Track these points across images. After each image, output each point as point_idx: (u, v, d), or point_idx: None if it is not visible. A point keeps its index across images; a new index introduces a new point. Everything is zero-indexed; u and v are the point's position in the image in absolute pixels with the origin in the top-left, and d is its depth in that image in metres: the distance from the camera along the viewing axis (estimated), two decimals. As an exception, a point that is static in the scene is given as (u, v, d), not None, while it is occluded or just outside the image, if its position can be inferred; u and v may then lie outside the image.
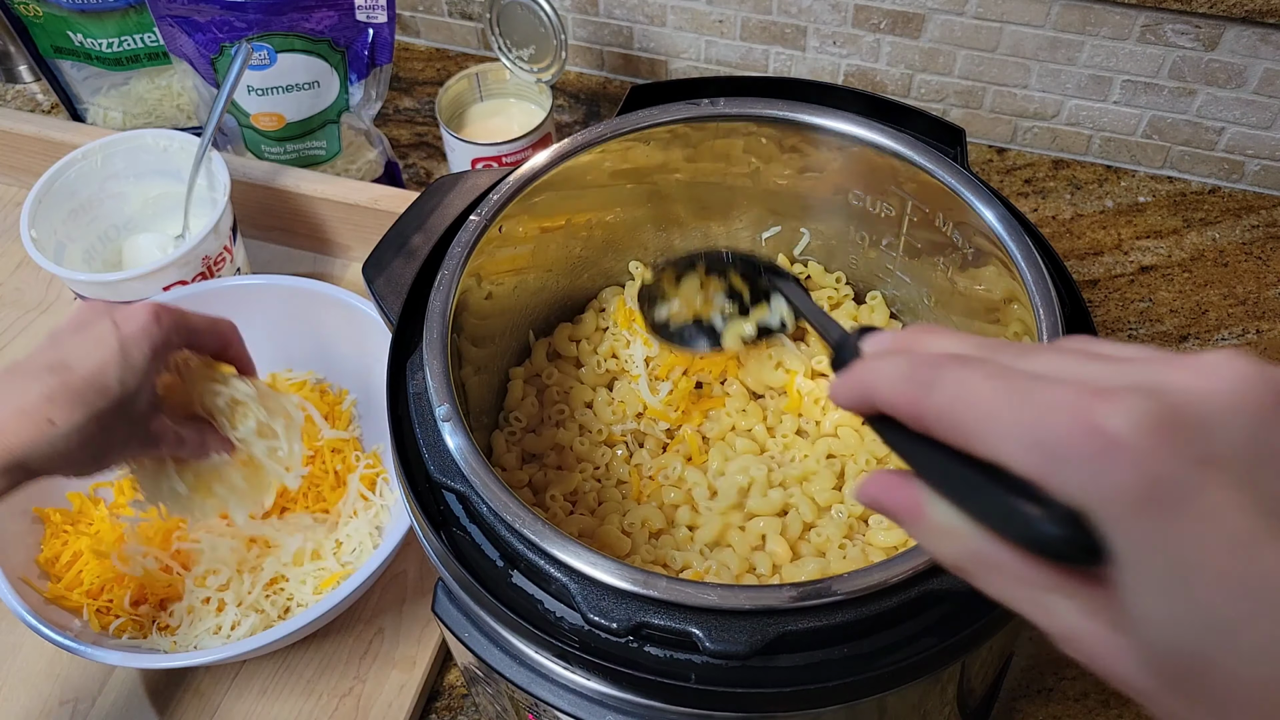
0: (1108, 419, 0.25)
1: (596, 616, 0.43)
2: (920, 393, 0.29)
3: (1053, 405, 0.26)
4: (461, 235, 0.56)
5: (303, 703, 0.67)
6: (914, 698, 0.48)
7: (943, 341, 0.31)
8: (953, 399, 0.28)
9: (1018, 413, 0.26)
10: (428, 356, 0.51)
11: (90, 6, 0.87)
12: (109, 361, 0.51)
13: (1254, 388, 0.25)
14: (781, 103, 0.60)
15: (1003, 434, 0.27)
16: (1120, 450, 0.24)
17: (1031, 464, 0.26)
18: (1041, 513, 0.26)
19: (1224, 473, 0.24)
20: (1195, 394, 0.25)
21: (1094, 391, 0.25)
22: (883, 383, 0.30)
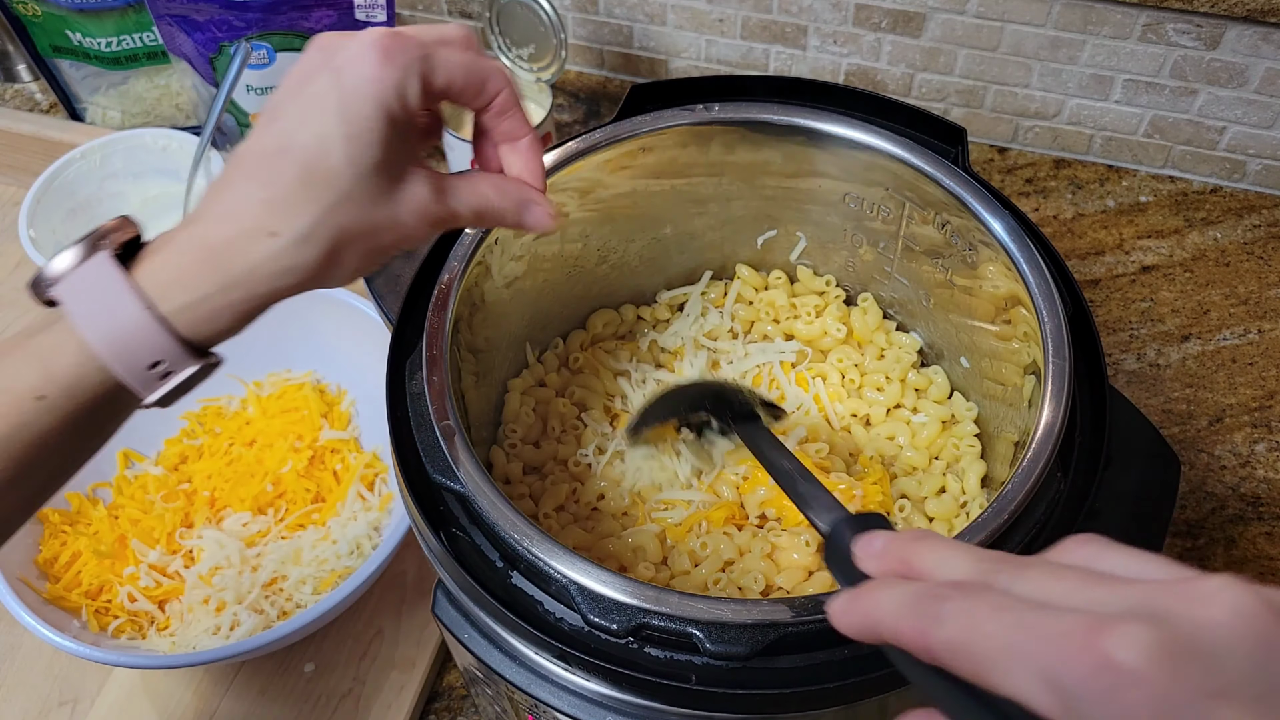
0: (1118, 651, 0.25)
1: (596, 618, 0.43)
2: (928, 627, 0.29)
3: (1062, 638, 0.26)
4: (457, 248, 0.56)
5: (303, 703, 0.66)
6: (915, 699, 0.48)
7: (940, 557, 0.32)
8: (962, 633, 0.28)
9: (1028, 648, 0.27)
10: (428, 371, 0.51)
11: (89, 6, 0.87)
12: (329, 136, 0.38)
13: (1255, 616, 0.26)
14: (778, 107, 0.60)
15: (1016, 671, 0.27)
16: (1130, 683, 0.25)
17: (1048, 702, 0.26)
18: None
19: (1234, 704, 0.25)
20: (1199, 623, 0.26)
21: (1100, 622, 0.26)
22: (887, 617, 0.30)
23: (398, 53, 0.39)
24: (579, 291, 0.68)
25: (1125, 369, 0.81)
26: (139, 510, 0.70)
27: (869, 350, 0.67)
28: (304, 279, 0.40)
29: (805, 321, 0.67)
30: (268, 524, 0.70)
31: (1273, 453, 0.76)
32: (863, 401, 0.65)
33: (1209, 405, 0.79)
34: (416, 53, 0.40)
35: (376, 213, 0.40)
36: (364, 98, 0.38)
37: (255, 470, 0.72)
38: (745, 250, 0.69)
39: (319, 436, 0.73)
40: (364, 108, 0.38)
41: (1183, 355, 0.81)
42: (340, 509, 0.70)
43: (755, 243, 0.69)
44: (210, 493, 0.72)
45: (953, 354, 0.64)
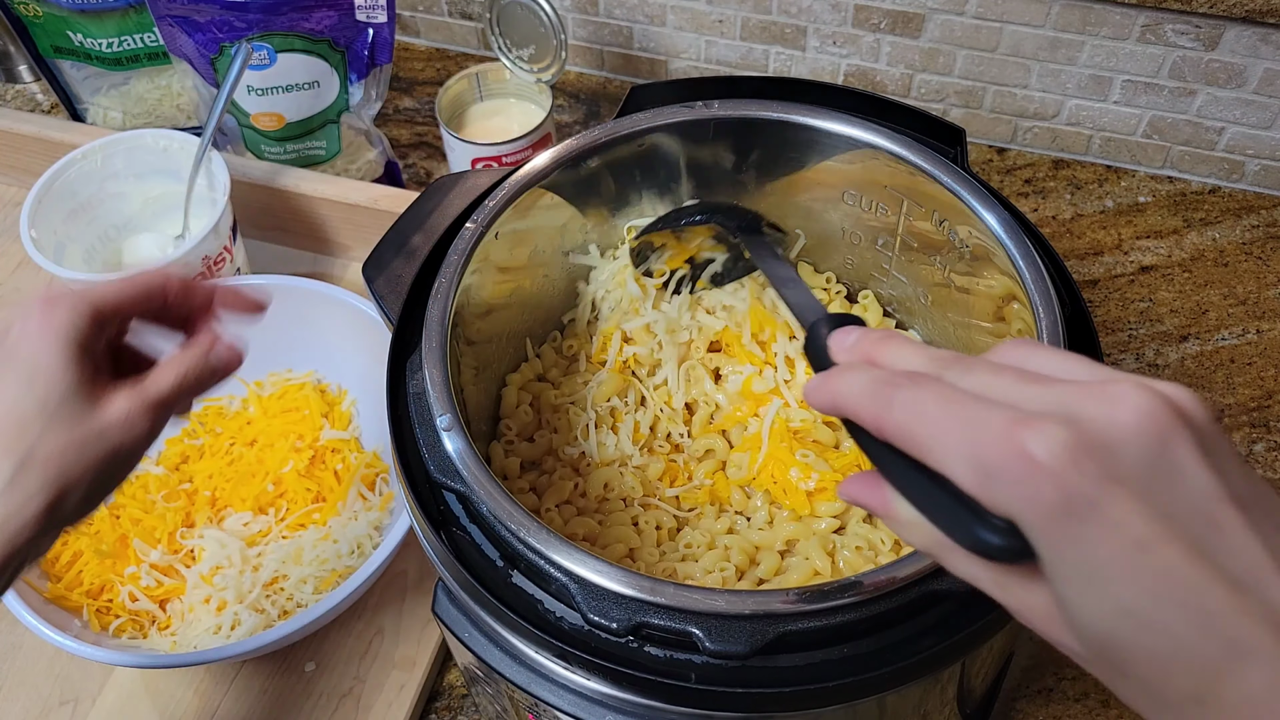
0: (1032, 445, 0.29)
1: (596, 616, 0.43)
2: (881, 409, 0.34)
3: (989, 429, 0.30)
4: (458, 243, 0.56)
5: (303, 703, 0.67)
6: (914, 698, 0.48)
7: (901, 353, 0.36)
8: (908, 417, 0.33)
9: (960, 435, 0.31)
10: (428, 365, 0.51)
11: (90, 6, 0.87)
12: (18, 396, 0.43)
13: (1154, 414, 0.30)
14: (777, 104, 0.60)
15: (949, 453, 0.31)
16: (1041, 472, 0.29)
17: (972, 481, 0.31)
18: (981, 523, 0.31)
19: (1126, 488, 0.29)
20: (1105, 421, 0.30)
21: (1021, 419, 0.30)
22: (849, 396, 0.35)
23: (60, 299, 0.44)
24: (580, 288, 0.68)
25: (1124, 369, 0.81)
26: (140, 510, 0.70)
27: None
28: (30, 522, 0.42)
29: None
30: (269, 523, 0.70)
31: (1271, 453, 0.76)
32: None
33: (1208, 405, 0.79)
34: (77, 295, 0.45)
35: (78, 432, 0.44)
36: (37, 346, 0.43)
37: (256, 470, 0.72)
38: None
39: (320, 436, 0.74)
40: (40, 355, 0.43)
41: (1181, 355, 0.82)
42: (341, 508, 0.70)
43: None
44: (211, 492, 0.72)
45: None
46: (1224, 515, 0.29)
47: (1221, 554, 0.29)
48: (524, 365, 0.66)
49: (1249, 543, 0.29)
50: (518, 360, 0.66)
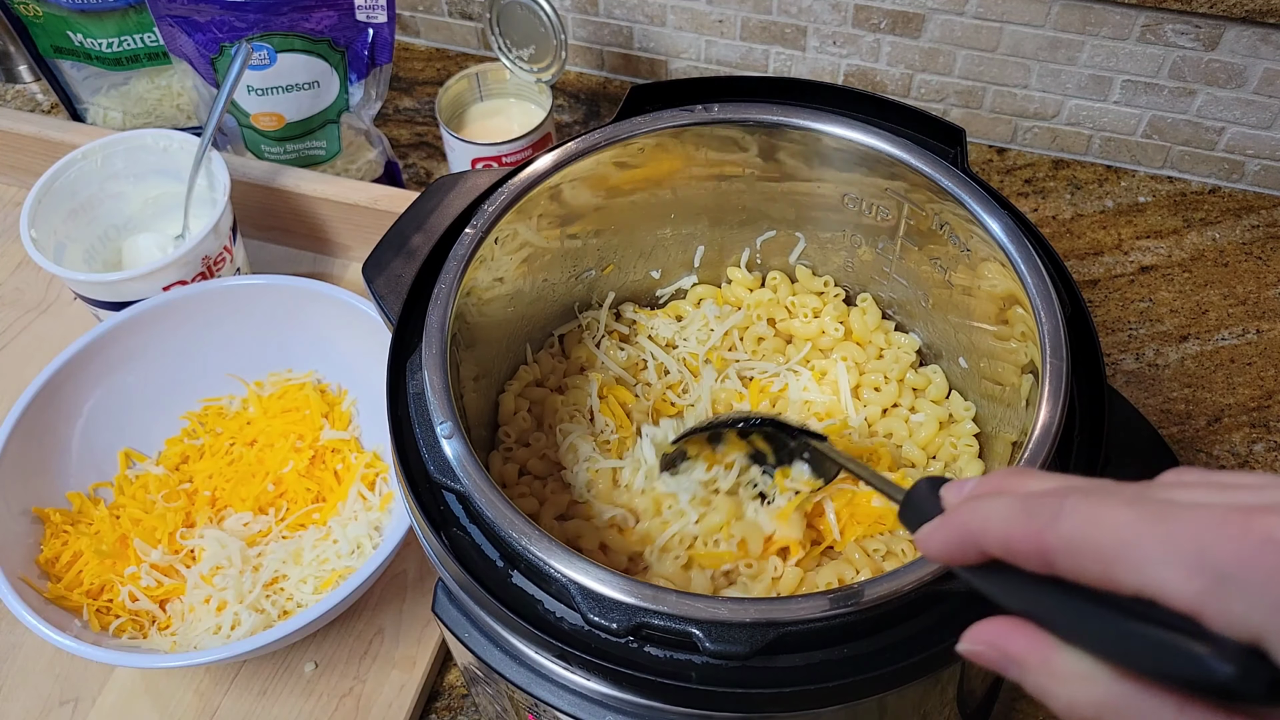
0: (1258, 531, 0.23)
1: (596, 617, 0.43)
2: (1044, 524, 0.27)
3: (1210, 524, 0.24)
4: (457, 249, 0.56)
5: (303, 703, 0.67)
6: (914, 698, 0.48)
7: (1042, 482, 0.29)
8: (1085, 526, 0.26)
9: (1168, 534, 0.24)
10: (428, 371, 0.51)
11: (90, 6, 0.87)
12: None
13: None
14: (777, 107, 0.60)
15: (1154, 558, 0.24)
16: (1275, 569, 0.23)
17: (1193, 590, 0.24)
18: (1209, 649, 0.23)
19: None
20: None
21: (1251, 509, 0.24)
22: (994, 521, 0.28)
23: None
24: (579, 291, 0.68)
25: (1124, 369, 0.81)
26: (140, 510, 0.70)
27: (868, 350, 0.67)
28: None
29: (803, 320, 0.68)
30: (269, 524, 0.70)
31: (1271, 453, 0.76)
32: (861, 401, 0.65)
33: (1207, 405, 0.79)
34: None
35: None
36: None
37: (256, 470, 0.72)
38: (744, 250, 0.69)
39: (320, 436, 0.74)
40: None
41: (1181, 355, 0.82)
42: (341, 508, 0.70)
43: (755, 243, 0.69)
44: (211, 492, 0.72)
45: (951, 354, 0.64)
46: None
47: None
48: (522, 369, 0.66)
49: None
50: (516, 366, 0.66)
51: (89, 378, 0.72)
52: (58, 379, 0.70)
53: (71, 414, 0.72)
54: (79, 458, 0.72)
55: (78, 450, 0.72)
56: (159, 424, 0.75)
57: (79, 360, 0.71)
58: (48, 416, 0.70)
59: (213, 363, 0.76)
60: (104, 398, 0.73)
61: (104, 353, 0.72)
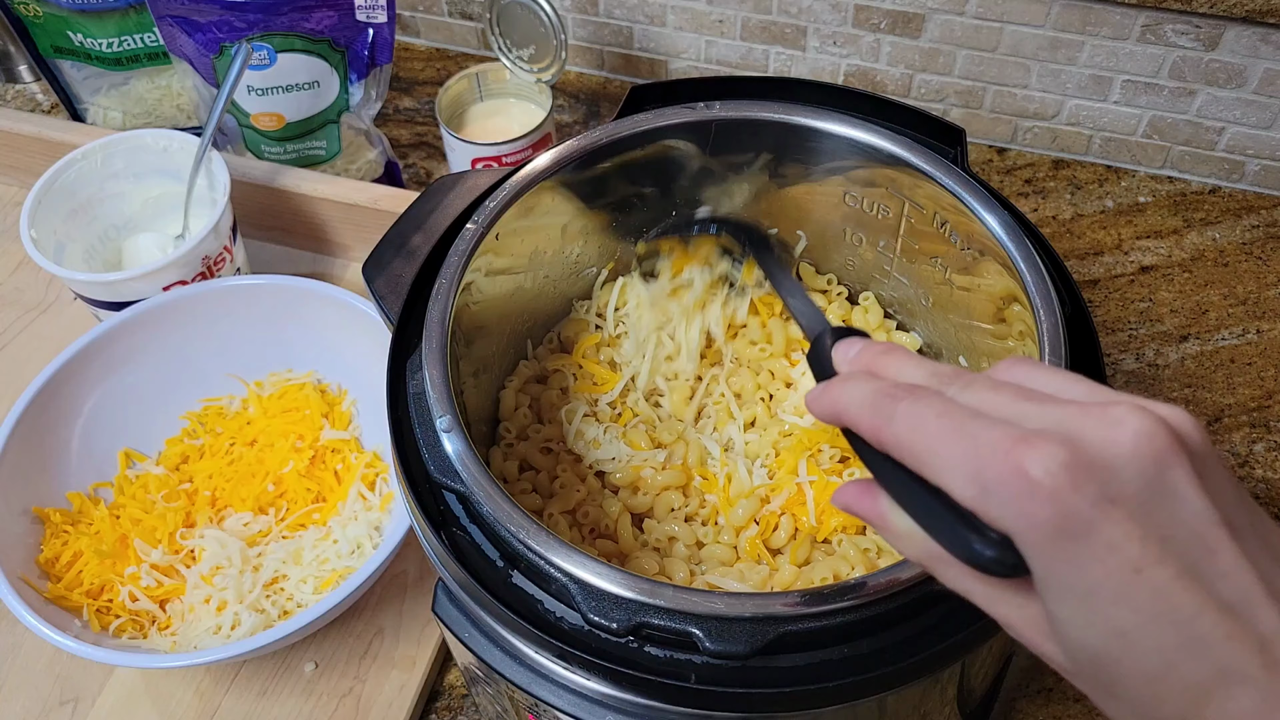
0: (1030, 463, 0.30)
1: (597, 617, 0.43)
2: (881, 420, 0.34)
3: (988, 445, 0.31)
4: (458, 244, 0.56)
5: (303, 703, 0.67)
6: (914, 698, 0.48)
7: (903, 366, 0.36)
8: (908, 430, 0.33)
9: (959, 449, 0.31)
10: (428, 367, 0.51)
11: (90, 6, 0.87)
12: None
13: (1152, 437, 0.30)
14: (778, 106, 0.60)
15: (947, 467, 0.32)
16: (1039, 491, 0.29)
17: (969, 495, 0.31)
18: (976, 537, 0.31)
19: (1121, 510, 0.29)
20: (1103, 442, 0.30)
21: (1020, 437, 0.30)
22: (850, 406, 0.35)
23: None
24: (580, 288, 0.68)
25: (1124, 369, 0.81)
26: (140, 510, 0.70)
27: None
28: None
29: None
30: (269, 524, 0.70)
31: (1271, 453, 0.76)
32: None
33: (1208, 405, 0.79)
34: None
35: None
36: None
37: (256, 470, 0.72)
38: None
39: (320, 436, 0.74)
40: None
41: (1181, 355, 0.82)
42: (341, 508, 0.70)
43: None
44: (211, 492, 0.72)
45: (951, 353, 0.64)
46: (1217, 540, 0.29)
47: (1214, 578, 0.29)
48: (522, 365, 0.66)
49: (1241, 568, 0.29)
50: (517, 361, 0.66)
51: (89, 378, 0.72)
52: (58, 379, 0.70)
53: (71, 414, 0.72)
54: (79, 458, 0.72)
55: (78, 450, 0.72)
56: (159, 424, 0.75)
57: (79, 360, 0.71)
58: (48, 416, 0.70)
59: (213, 363, 0.76)
60: (104, 398, 0.73)
61: (104, 353, 0.72)
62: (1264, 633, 0.29)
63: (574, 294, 0.68)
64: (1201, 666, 0.29)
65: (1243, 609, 0.29)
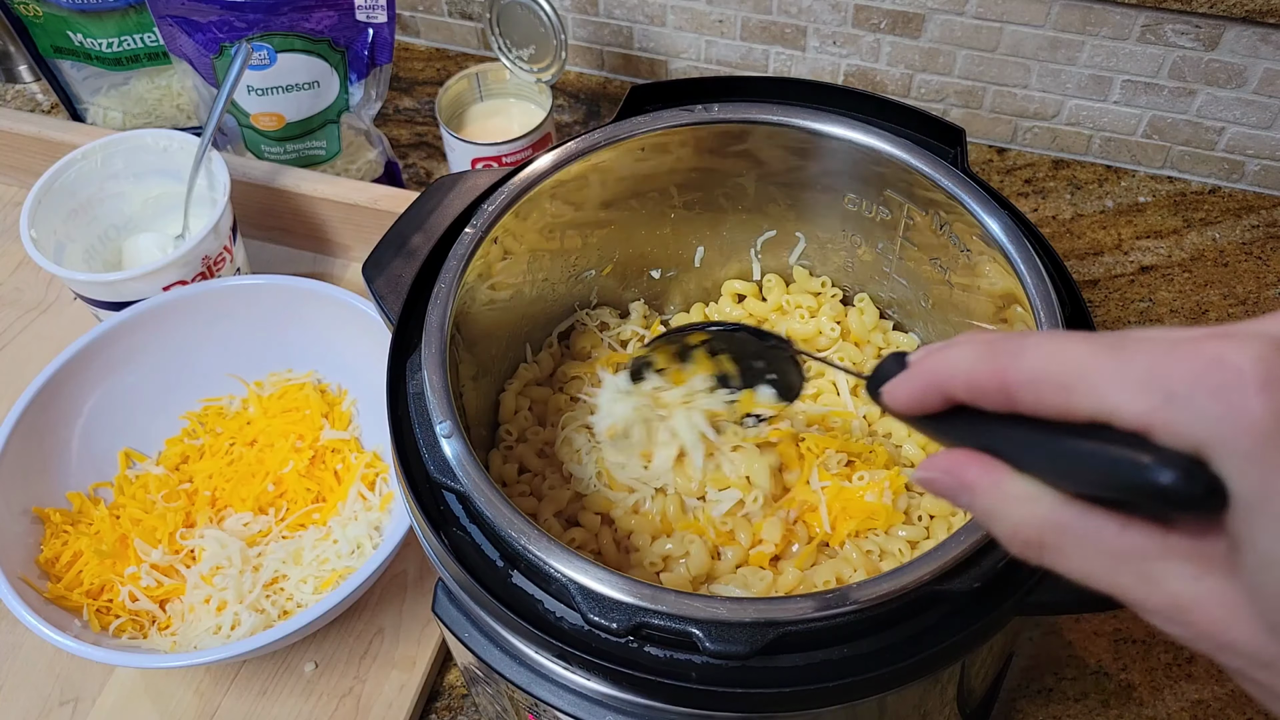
0: (1231, 354, 0.24)
1: (597, 617, 0.43)
2: (1008, 361, 0.28)
3: (1164, 347, 0.25)
4: (457, 248, 0.56)
5: (303, 703, 0.67)
6: (914, 698, 0.48)
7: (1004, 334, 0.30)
8: (1046, 359, 0.27)
9: (1122, 361, 0.26)
10: (427, 370, 0.51)
11: (90, 6, 0.87)
12: None
13: None
14: (777, 107, 0.60)
15: (1108, 382, 0.26)
16: (1248, 384, 0.23)
17: (1144, 407, 0.25)
18: (1153, 458, 0.25)
19: None
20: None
21: (1209, 333, 0.25)
22: (961, 363, 0.29)
23: None
24: (579, 291, 0.68)
25: (1124, 369, 0.81)
26: (140, 510, 0.70)
27: (866, 350, 0.67)
28: None
29: (800, 320, 0.68)
30: (269, 524, 0.70)
31: (1271, 452, 0.76)
32: (860, 400, 0.65)
33: None
34: None
35: None
36: None
37: (256, 470, 0.72)
38: (745, 250, 0.69)
39: (320, 436, 0.74)
40: None
41: (1181, 355, 0.82)
42: (341, 509, 0.70)
43: (755, 243, 0.69)
44: (211, 492, 0.72)
45: (951, 354, 0.64)
46: None
47: None
48: (521, 368, 0.66)
49: None
50: (516, 364, 0.66)
51: (89, 378, 0.72)
52: (58, 379, 0.70)
53: (71, 414, 0.72)
54: (79, 458, 0.72)
55: (78, 450, 0.72)
56: (159, 424, 0.75)
57: (79, 360, 0.71)
58: (48, 416, 0.70)
59: (213, 363, 0.76)
60: (104, 398, 0.73)
61: (104, 353, 0.72)
62: None
63: (573, 297, 0.68)
64: None
65: None
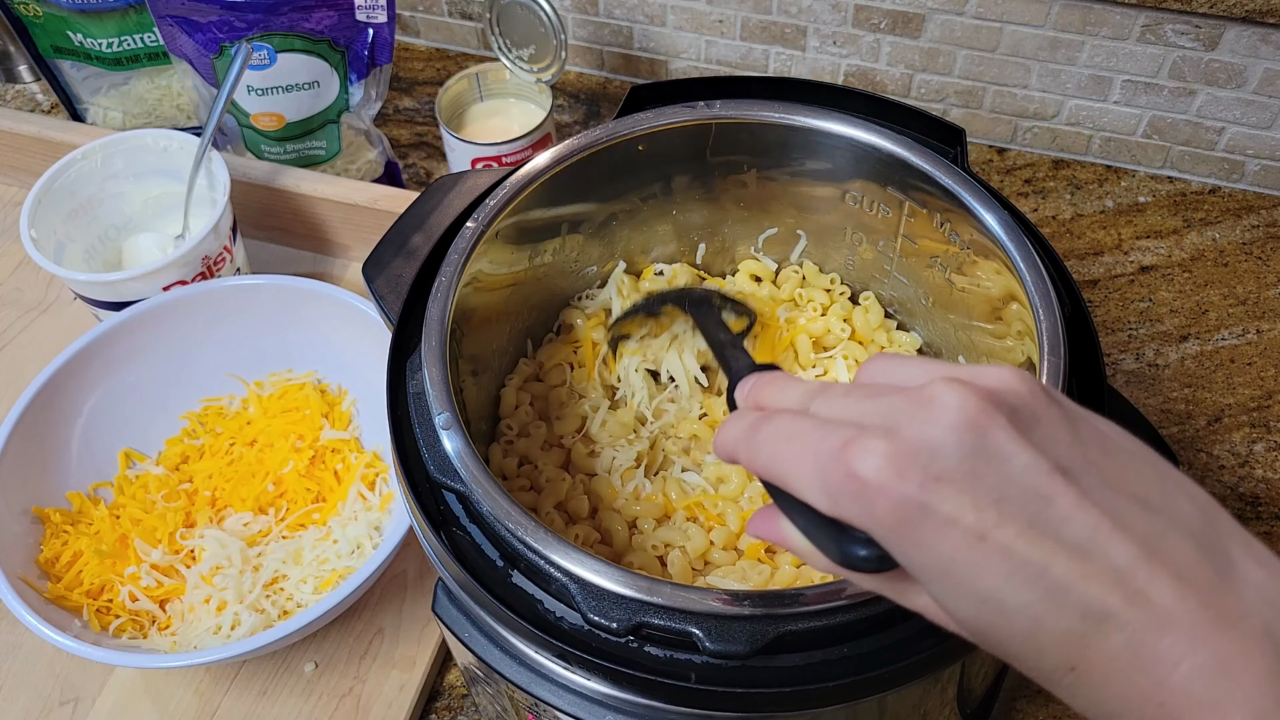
0: (857, 464, 0.31)
1: (596, 616, 0.43)
2: (751, 451, 0.35)
3: (826, 455, 0.32)
4: (458, 242, 0.56)
5: (303, 703, 0.67)
6: (914, 698, 0.48)
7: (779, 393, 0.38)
8: (767, 455, 0.34)
9: (808, 464, 0.32)
10: (427, 364, 0.51)
11: (90, 6, 0.87)
12: None
13: (964, 407, 0.30)
14: (779, 105, 0.60)
15: (803, 483, 0.33)
16: (870, 488, 0.30)
17: (825, 505, 0.32)
18: (848, 540, 0.33)
19: (950, 485, 0.30)
20: (921, 425, 0.31)
21: (848, 440, 0.31)
22: (728, 443, 0.37)
23: None
24: (580, 286, 0.68)
25: (1124, 369, 0.81)
26: (140, 510, 0.70)
27: (870, 348, 0.67)
28: None
29: (809, 319, 0.68)
30: (269, 524, 0.70)
31: (1271, 452, 0.76)
32: None
33: (1207, 405, 0.79)
34: None
35: None
36: None
37: (256, 470, 0.72)
38: (746, 247, 0.69)
39: (320, 436, 0.74)
40: None
41: (1181, 355, 0.82)
42: (341, 509, 0.70)
43: (757, 240, 0.69)
44: (211, 492, 0.72)
45: (951, 352, 0.64)
46: (1051, 488, 0.30)
47: (1057, 526, 0.29)
48: (522, 363, 0.66)
49: (1082, 509, 0.29)
50: (517, 359, 0.66)
51: (89, 378, 0.72)
52: (58, 379, 0.70)
53: (71, 414, 0.72)
54: (79, 458, 0.72)
55: (78, 450, 0.72)
56: (159, 424, 0.75)
57: (79, 360, 0.71)
58: (48, 416, 0.70)
59: (213, 363, 0.76)
60: (104, 398, 0.73)
61: (104, 353, 0.72)
62: (1118, 565, 0.29)
63: (573, 292, 0.68)
64: (1067, 615, 0.29)
65: (1093, 549, 0.29)
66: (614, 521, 0.60)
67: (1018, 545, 0.29)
